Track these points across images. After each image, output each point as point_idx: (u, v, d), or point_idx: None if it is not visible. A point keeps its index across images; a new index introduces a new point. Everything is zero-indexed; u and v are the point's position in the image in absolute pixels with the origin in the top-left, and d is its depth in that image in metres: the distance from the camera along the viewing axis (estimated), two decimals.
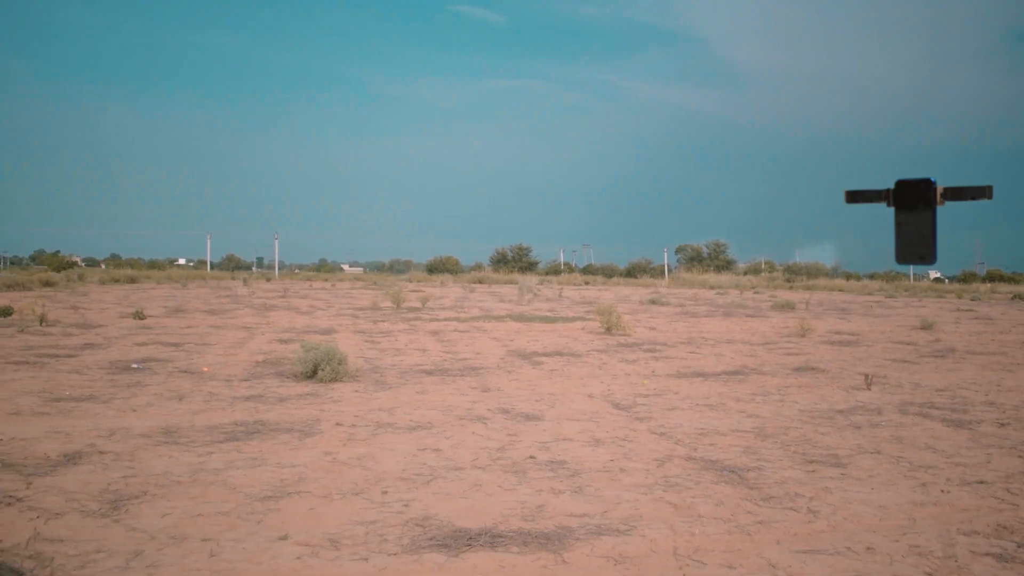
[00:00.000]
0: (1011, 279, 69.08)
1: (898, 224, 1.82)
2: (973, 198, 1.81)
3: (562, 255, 74.20)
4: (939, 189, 1.80)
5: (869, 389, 10.82)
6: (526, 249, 70.57)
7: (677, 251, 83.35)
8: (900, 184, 1.83)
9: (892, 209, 1.88)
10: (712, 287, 52.02)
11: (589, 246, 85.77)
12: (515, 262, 69.00)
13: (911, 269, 77.80)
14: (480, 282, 52.75)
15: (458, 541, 4.69)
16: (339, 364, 10.73)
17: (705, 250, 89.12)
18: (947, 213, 1.87)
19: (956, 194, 1.81)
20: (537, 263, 70.20)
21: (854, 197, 1.94)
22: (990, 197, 1.83)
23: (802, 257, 76.29)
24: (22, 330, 16.30)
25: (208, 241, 75.18)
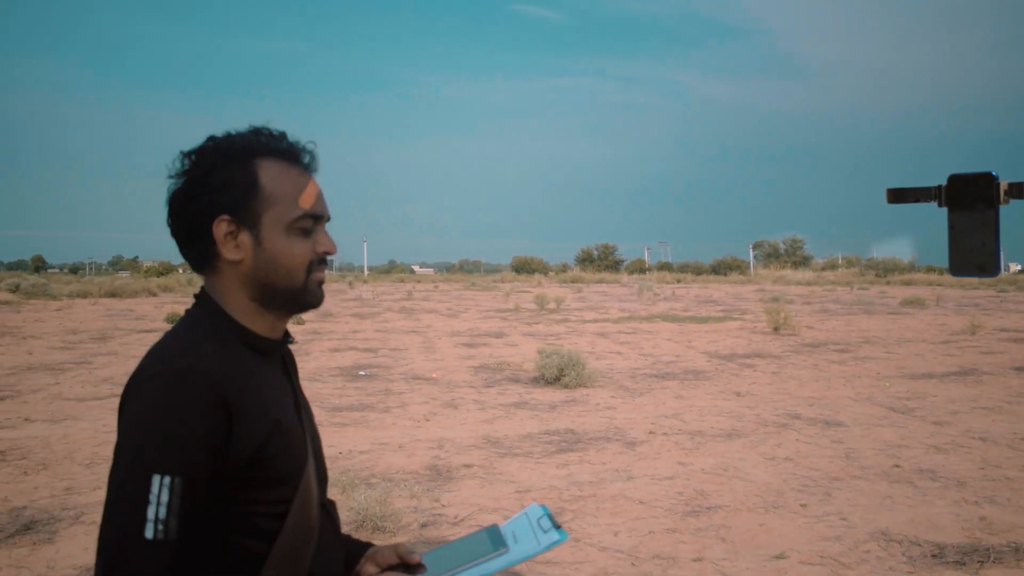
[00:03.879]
0: None
1: (952, 227, 1.46)
2: None
3: (647, 254, 73.69)
4: (1003, 185, 1.42)
5: None
6: (611, 248, 70.29)
7: (754, 247, 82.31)
8: (954, 179, 1.46)
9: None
10: (809, 283, 51.05)
11: (667, 243, 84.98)
12: (601, 261, 68.77)
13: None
14: (574, 281, 52.64)
15: (965, 557, 4.55)
16: (582, 369, 10.71)
17: (782, 246, 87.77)
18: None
19: None
20: (622, 261, 69.81)
21: (898, 196, 1.58)
22: None
23: (879, 252, 74.30)
24: None
25: None
